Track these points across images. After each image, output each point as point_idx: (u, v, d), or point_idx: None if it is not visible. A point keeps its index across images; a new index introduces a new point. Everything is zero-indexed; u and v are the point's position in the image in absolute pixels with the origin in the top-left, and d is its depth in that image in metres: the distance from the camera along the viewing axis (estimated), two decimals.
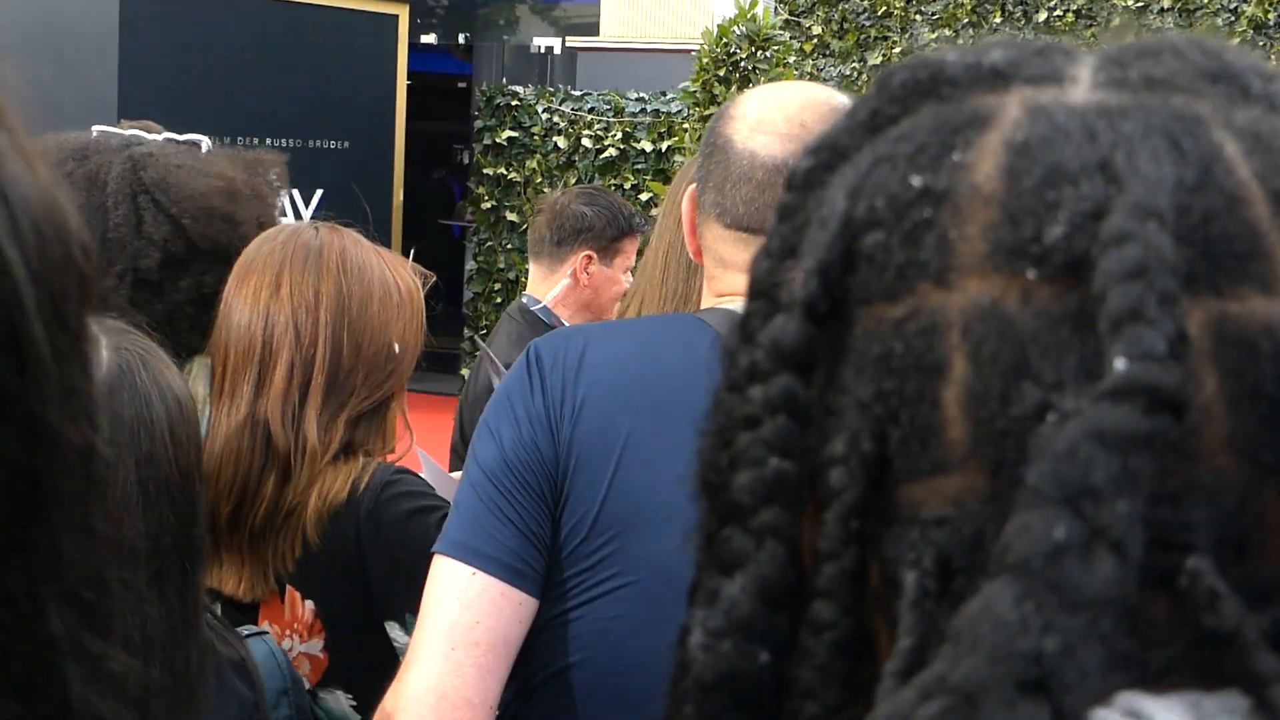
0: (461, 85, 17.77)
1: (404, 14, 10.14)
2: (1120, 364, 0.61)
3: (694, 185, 2.17)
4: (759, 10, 7.44)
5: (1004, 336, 0.65)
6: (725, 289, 2.10)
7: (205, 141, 2.87)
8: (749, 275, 0.77)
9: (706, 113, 7.43)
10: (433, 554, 2.10)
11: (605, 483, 2.06)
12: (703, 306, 2.17)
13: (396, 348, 2.54)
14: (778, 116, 2.07)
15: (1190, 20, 13.69)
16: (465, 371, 10.33)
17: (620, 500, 2.06)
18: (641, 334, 2.19)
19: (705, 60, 7.43)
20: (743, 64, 7.36)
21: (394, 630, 2.45)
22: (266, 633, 2.39)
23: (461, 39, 19.80)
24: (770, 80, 7.29)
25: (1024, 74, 0.72)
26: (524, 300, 4.48)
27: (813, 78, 14.51)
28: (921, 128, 0.71)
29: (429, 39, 18.95)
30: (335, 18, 9.61)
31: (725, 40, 7.37)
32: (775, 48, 7.39)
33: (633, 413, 2.04)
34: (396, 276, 2.57)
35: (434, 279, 2.77)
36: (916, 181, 0.69)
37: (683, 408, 2.05)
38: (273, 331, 2.47)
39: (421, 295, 2.63)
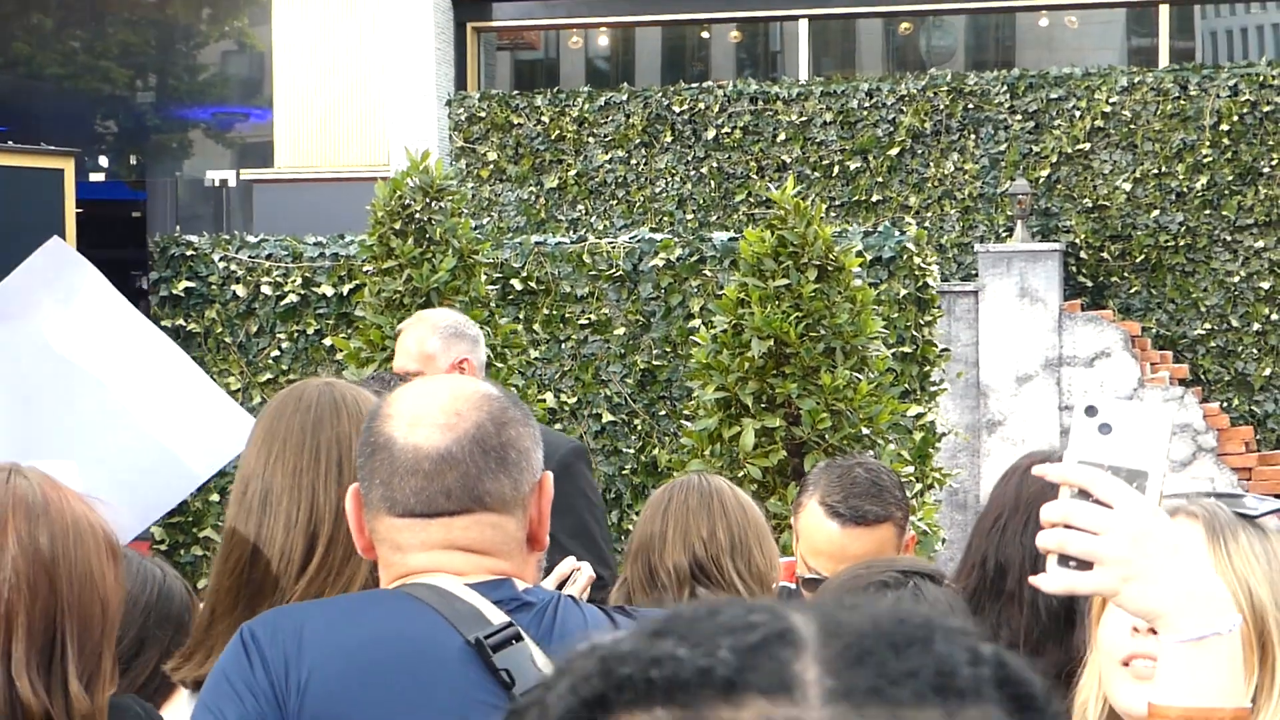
0: (136, 214, 17.42)
1: (69, 167, 9.92)
2: None
3: (356, 485, 2.30)
4: (431, 162, 7.46)
5: None
6: (408, 570, 2.25)
7: None
8: None
9: (384, 265, 7.41)
10: None
11: None
12: (389, 587, 2.29)
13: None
14: (433, 409, 2.23)
15: (853, 132, 14.16)
16: None
17: None
18: (355, 609, 2.32)
19: (380, 213, 7.41)
20: (418, 216, 7.37)
21: None
22: None
23: (133, 160, 19.43)
24: (446, 231, 7.32)
25: (753, 682, 0.73)
26: None
27: (491, 203, 14.62)
28: None
29: (98, 176, 18.52)
30: None
31: (399, 193, 7.37)
32: (450, 198, 7.42)
33: (360, 683, 2.15)
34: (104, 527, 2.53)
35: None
36: None
37: (408, 676, 2.18)
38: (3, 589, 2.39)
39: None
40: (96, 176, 18.35)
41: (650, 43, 17.89)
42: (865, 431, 6.77)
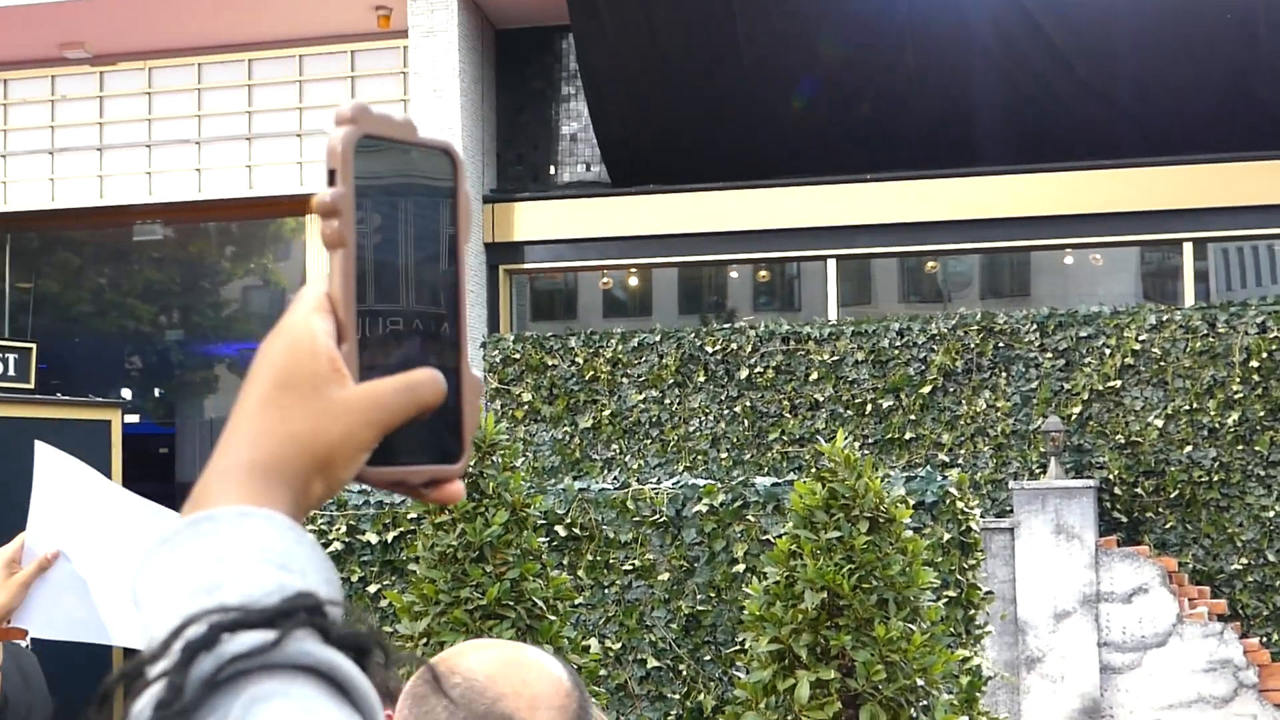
0: (163, 450, 17.54)
1: (116, 418, 10.03)
2: None
3: None
4: (481, 417, 7.54)
5: None
6: None
7: None
8: None
9: (437, 520, 7.45)
10: None
11: None
12: None
13: None
14: None
15: (884, 371, 14.28)
16: None
17: None
18: None
19: None
20: (470, 470, 7.43)
21: None
22: None
23: (157, 393, 19.57)
24: (499, 485, 7.37)
25: None
26: None
27: (526, 443, 14.70)
28: None
29: (132, 418, 18.68)
30: (47, 428, 9.47)
31: None
32: (502, 452, 7.48)
33: None
34: None
35: None
36: None
37: None
38: None
39: None
40: (131, 418, 18.51)
41: (676, 278, 18.13)
42: (920, 683, 6.75)
